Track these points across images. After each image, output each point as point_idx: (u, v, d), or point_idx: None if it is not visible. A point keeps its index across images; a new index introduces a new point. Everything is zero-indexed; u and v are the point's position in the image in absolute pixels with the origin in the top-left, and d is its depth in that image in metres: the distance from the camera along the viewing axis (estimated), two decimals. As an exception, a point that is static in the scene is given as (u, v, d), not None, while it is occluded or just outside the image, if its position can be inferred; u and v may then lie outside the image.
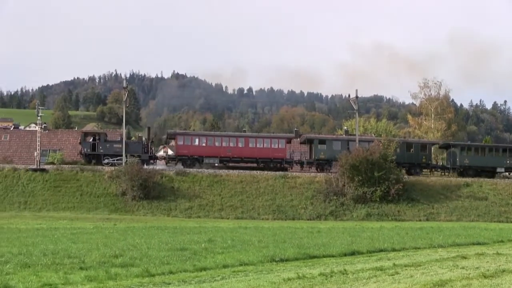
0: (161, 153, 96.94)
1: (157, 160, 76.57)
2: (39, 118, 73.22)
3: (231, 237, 29.81)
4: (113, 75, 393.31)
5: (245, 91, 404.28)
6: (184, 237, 29.84)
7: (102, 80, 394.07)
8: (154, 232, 35.45)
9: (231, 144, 75.48)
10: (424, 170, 78.29)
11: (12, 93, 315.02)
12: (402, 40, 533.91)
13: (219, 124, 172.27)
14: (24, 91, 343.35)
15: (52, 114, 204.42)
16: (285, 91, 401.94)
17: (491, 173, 77.79)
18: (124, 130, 75.14)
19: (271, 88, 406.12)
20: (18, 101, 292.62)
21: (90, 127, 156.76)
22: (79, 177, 68.11)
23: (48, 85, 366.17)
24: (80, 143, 76.57)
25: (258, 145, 76.00)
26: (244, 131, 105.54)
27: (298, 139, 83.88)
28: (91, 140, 74.53)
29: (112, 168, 69.30)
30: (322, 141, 77.75)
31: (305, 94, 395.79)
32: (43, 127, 74.58)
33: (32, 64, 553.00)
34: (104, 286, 15.80)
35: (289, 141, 79.23)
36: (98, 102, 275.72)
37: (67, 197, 65.35)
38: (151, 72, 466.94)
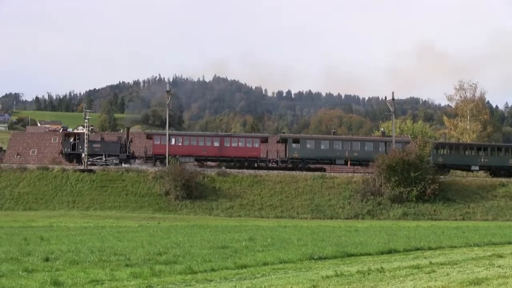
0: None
1: (136, 160, 76.70)
2: (86, 121, 74.35)
3: (271, 236, 30.07)
4: (156, 79, 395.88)
5: (285, 94, 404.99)
6: (225, 236, 30.19)
7: (146, 84, 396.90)
8: (196, 230, 35.87)
9: (207, 144, 76.27)
10: None
11: (61, 97, 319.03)
12: (443, 41, 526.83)
13: (259, 126, 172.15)
14: (72, 95, 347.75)
15: (98, 117, 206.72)
16: (323, 94, 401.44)
17: (466, 170, 78.35)
18: (167, 132, 75.91)
19: (310, 91, 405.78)
20: (67, 104, 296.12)
21: (135, 129, 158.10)
22: (124, 178, 69.14)
23: (94, 89, 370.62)
24: (61, 143, 78.09)
25: (233, 145, 76.68)
26: (283, 133, 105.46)
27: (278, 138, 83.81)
28: (71, 140, 75.74)
29: (156, 168, 70.22)
30: (296, 140, 77.73)
31: (343, 96, 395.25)
32: (90, 129, 75.73)
33: (80, 69, 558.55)
34: (149, 283, 15.98)
35: (264, 140, 79.63)
36: (142, 106, 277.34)
37: (113, 196, 66.41)
38: (193, 75, 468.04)
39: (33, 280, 15.57)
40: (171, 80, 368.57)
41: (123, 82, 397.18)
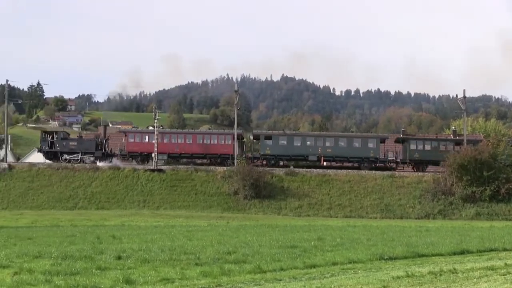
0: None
1: (113, 158, 77.21)
2: (156, 121, 75.39)
3: (340, 235, 29.97)
4: (224, 79, 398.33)
5: (353, 93, 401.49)
6: (294, 235, 30.21)
7: (214, 84, 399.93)
8: (265, 230, 35.99)
9: (179, 141, 76.26)
10: None
11: (132, 97, 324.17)
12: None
13: (327, 125, 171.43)
14: (142, 95, 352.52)
15: (168, 117, 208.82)
16: (392, 92, 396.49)
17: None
18: (235, 132, 76.24)
19: (378, 89, 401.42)
20: (137, 105, 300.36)
21: (204, 128, 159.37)
22: (194, 177, 69.85)
23: (164, 89, 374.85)
24: (40, 141, 78.93)
25: (205, 142, 76.48)
26: (352, 132, 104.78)
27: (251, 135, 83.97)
28: (49, 138, 76.60)
29: (225, 168, 70.71)
30: (268, 137, 76.97)
31: (412, 94, 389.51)
32: (159, 129, 76.77)
33: (150, 70, 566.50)
34: (218, 282, 16.08)
35: (237, 137, 78.24)
36: (211, 105, 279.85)
37: (182, 196, 67.18)
38: (261, 75, 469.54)
39: (106, 278, 15.88)
40: (239, 79, 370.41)
41: (191, 82, 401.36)
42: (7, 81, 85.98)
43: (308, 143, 75.81)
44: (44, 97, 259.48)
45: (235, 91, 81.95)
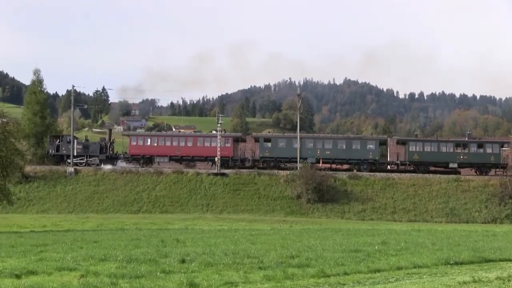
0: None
1: (118, 160, 78.65)
2: (219, 125, 75.89)
3: (404, 240, 29.56)
4: (287, 83, 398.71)
5: (416, 96, 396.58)
6: (358, 239, 29.95)
7: (277, 88, 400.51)
8: (329, 234, 35.76)
9: (181, 144, 76.94)
10: None
11: (195, 102, 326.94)
12: None
13: (391, 129, 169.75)
14: (205, 100, 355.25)
15: (230, 121, 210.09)
16: (457, 95, 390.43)
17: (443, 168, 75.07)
18: (298, 135, 76.15)
19: (443, 92, 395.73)
20: (200, 109, 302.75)
21: (266, 133, 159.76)
22: (257, 181, 70.02)
23: (227, 93, 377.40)
24: (48, 145, 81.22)
25: (206, 144, 77.16)
26: (416, 135, 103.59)
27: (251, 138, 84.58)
28: (56, 142, 77.61)
29: (288, 172, 70.69)
30: (267, 140, 77.27)
31: (478, 97, 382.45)
32: (222, 133, 77.39)
33: (212, 75, 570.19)
34: (282, 286, 15.97)
35: (237, 140, 79.77)
36: (273, 109, 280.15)
37: (245, 200, 67.40)
38: (324, 79, 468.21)
39: (170, 281, 15.97)
40: (301, 83, 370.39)
41: (254, 86, 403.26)
42: (73, 86, 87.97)
43: (307, 145, 76.46)
44: (109, 102, 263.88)
45: (298, 94, 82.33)
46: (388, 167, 78.26)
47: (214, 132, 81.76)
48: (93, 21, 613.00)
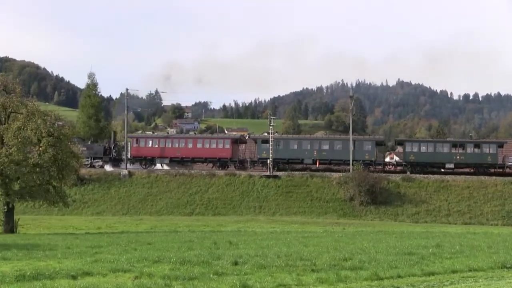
0: (387, 159, 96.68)
1: (122, 162, 79.55)
2: (271, 127, 76.03)
3: (459, 242, 29.16)
4: (339, 84, 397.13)
5: (471, 97, 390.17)
6: (411, 242, 29.66)
7: (329, 90, 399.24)
8: (382, 236, 35.52)
9: (181, 145, 77.37)
10: None
11: (247, 104, 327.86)
12: None
13: (445, 130, 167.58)
14: (257, 102, 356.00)
15: (283, 123, 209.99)
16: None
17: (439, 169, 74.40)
18: (351, 137, 75.83)
19: (498, 93, 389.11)
20: (252, 112, 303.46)
21: (319, 134, 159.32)
22: (309, 183, 69.89)
23: (279, 96, 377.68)
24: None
25: (205, 146, 77.71)
26: (471, 137, 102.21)
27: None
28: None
29: (340, 174, 70.41)
30: (265, 141, 76.93)
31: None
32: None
33: (264, 77, 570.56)
34: None
35: (235, 141, 79.73)
36: (326, 111, 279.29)
37: (298, 202, 67.34)
38: (376, 80, 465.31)
39: (223, 283, 16.05)
40: (354, 85, 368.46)
41: (306, 88, 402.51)
42: (126, 89, 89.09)
43: (304, 146, 76.58)
44: (162, 105, 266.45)
45: (350, 96, 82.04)
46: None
47: (265, 134, 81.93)
48: (149, 24, 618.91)
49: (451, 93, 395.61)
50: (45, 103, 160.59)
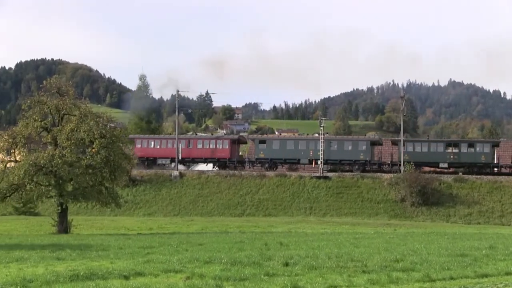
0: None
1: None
2: (321, 128, 75.94)
3: (514, 244, 28.75)
4: (390, 85, 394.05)
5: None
6: (464, 243, 29.29)
7: (380, 90, 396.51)
8: (433, 237, 35.11)
9: (182, 146, 78.22)
10: None
11: (297, 105, 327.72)
12: None
13: (498, 131, 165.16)
14: (307, 103, 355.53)
15: (333, 124, 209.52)
16: None
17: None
18: (402, 138, 75.31)
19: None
20: (303, 113, 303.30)
21: (370, 135, 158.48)
22: (360, 184, 69.61)
23: (329, 96, 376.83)
24: None
25: (205, 146, 79.23)
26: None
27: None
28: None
29: (391, 175, 69.95)
30: (262, 141, 78.79)
31: None
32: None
33: (313, 79, 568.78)
34: None
35: (234, 142, 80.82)
36: (376, 112, 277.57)
37: (348, 203, 67.11)
38: (428, 80, 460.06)
39: (274, 284, 16.07)
40: (405, 85, 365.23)
41: (357, 89, 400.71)
42: (177, 91, 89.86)
43: (300, 146, 77.52)
44: (213, 106, 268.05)
45: (401, 97, 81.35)
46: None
47: (316, 135, 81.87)
48: (197, 23, 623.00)
49: (504, 93, 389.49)
50: (97, 105, 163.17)
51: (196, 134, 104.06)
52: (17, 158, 43.91)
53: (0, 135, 45.41)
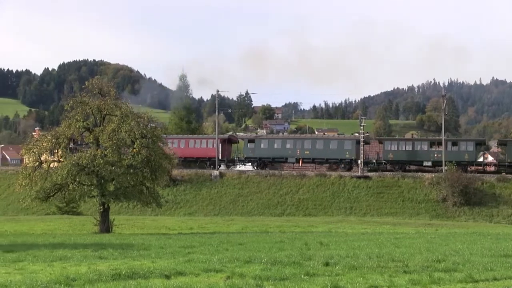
0: (480, 159, 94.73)
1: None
2: (361, 127, 75.68)
3: (558, 245, 28.31)
4: (431, 84, 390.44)
5: None
6: (508, 244, 28.89)
7: (421, 89, 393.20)
8: (476, 238, 34.72)
9: (174, 145, 76.59)
10: None
11: (337, 105, 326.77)
12: None
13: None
14: (347, 102, 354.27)
15: (373, 124, 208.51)
16: None
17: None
18: (443, 137, 74.67)
19: None
20: (342, 112, 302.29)
21: (409, 135, 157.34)
22: (400, 184, 69.19)
23: (369, 96, 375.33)
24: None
25: (196, 146, 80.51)
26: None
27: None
28: (71, 145, 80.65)
29: (433, 175, 69.39)
30: (251, 140, 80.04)
31: None
32: (365, 136, 77.30)
33: (355, 78, 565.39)
34: None
35: (224, 141, 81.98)
36: (417, 111, 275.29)
37: (389, 203, 66.75)
38: (470, 79, 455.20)
39: (315, 284, 16.03)
40: (446, 84, 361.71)
41: (397, 88, 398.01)
42: (217, 91, 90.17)
43: (288, 145, 78.51)
44: (252, 106, 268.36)
45: (443, 96, 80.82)
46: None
47: (356, 135, 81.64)
48: (234, 22, 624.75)
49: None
50: (138, 105, 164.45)
51: (236, 134, 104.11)
52: (60, 159, 44.47)
53: (44, 136, 46.08)
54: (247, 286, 15.46)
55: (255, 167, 79.01)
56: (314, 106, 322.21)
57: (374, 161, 78.27)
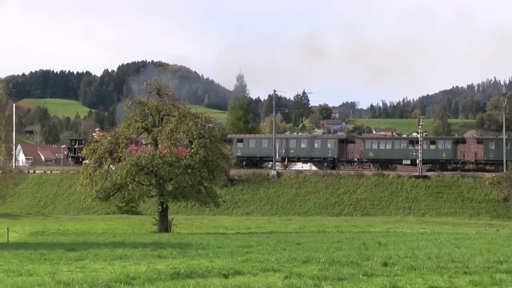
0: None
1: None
2: (420, 127, 74.95)
3: None
4: (491, 82, 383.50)
5: None
6: None
7: (481, 88, 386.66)
8: (539, 239, 34.10)
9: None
10: None
11: (395, 104, 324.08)
12: None
13: None
14: (405, 101, 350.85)
15: (432, 123, 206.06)
16: None
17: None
18: (504, 136, 73.32)
19: None
20: (401, 111, 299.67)
21: (469, 134, 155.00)
22: (460, 184, 68.22)
23: (428, 95, 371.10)
24: (67, 148, 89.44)
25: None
26: None
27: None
28: (74, 145, 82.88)
29: (493, 174, 68.25)
30: (240, 140, 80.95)
31: None
32: (424, 135, 76.42)
33: (414, 76, 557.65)
34: None
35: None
36: (477, 110, 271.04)
37: (448, 202, 65.91)
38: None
39: (373, 284, 15.96)
40: (507, 82, 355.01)
41: (456, 86, 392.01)
42: (274, 91, 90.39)
43: (277, 145, 79.43)
44: (309, 105, 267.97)
45: (503, 94, 79.02)
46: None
47: (415, 134, 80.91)
48: (287, 22, 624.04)
49: None
50: (196, 105, 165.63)
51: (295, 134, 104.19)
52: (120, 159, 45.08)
53: (104, 136, 46.79)
54: (305, 286, 15.46)
55: (243, 167, 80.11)
56: (371, 106, 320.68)
57: (356, 159, 79.48)
